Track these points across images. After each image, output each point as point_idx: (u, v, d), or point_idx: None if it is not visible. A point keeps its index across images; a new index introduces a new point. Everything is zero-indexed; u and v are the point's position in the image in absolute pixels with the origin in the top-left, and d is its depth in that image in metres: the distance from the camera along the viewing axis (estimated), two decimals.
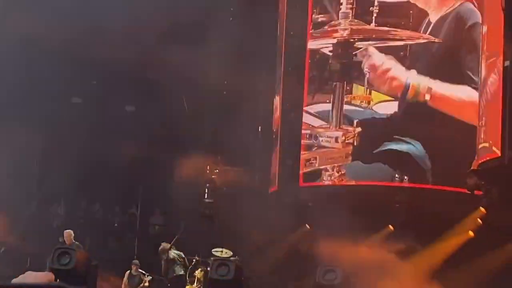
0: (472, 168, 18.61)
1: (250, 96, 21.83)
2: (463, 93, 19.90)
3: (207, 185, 23.17)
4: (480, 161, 18.01)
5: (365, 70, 20.56)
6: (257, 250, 21.87)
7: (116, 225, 24.61)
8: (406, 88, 20.13)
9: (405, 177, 19.94)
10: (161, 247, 19.52)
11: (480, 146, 17.94)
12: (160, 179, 21.99)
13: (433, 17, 20.41)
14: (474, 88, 19.49)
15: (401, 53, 20.38)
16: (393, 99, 20.45)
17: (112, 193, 23.47)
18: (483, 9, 19.27)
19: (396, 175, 19.98)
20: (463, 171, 18.87)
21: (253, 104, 22.50)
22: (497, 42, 17.62)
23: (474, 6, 19.98)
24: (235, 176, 22.83)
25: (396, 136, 20.18)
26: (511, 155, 15.73)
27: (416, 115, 20.20)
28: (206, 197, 23.24)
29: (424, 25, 20.36)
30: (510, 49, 16.09)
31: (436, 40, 20.21)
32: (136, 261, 19.82)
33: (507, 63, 16.45)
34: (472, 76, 19.61)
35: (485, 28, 18.74)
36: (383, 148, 20.17)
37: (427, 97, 19.98)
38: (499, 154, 16.38)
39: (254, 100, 22.34)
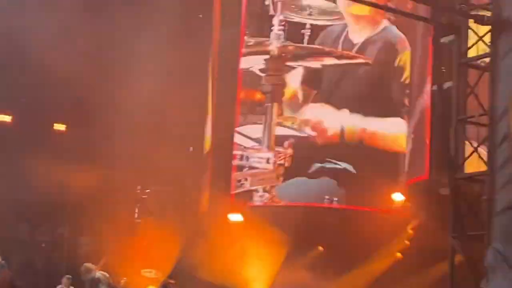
0: (400, 189, 18.87)
1: (181, 116, 21.77)
2: (394, 126, 20.06)
3: (138, 205, 22.98)
4: (408, 183, 18.26)
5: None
6: (188, 271, 21.74)
7: (43, 245, 24.18)
8: (342, 133, 20.23)
9: (335, 199, 20.07)
10: (83, 267, 19.11)
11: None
12: (90, 199, 21.71)
13: (357, 39, 20.61)
14: (404, 118, 19.72)
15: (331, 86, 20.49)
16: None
17: (40, 212, 23.10)
18: (408, 34, 19.60)
19: (326, 197, 20.10)
20: (392, 193, 19.10)
21: (185, 124, 22.44)
22: (425, 66, 17.93)
23: (399, 30, 20.28)
24: (166, 196, 22.70)
25: (327, 158, 20.33)
26: (437, 177, 15.95)
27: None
28: (136, 217, 23.04)
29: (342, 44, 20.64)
30: (438, 73, 16.35)
31: (368, 61, 20.42)
32: (69, 276, 19.37)
33: (435, 86, 16.71)
34: (403, 105, 19.84)
35: (414, 53, 19.07)
36: (313, 169, 20.30)
37: (363, 138, 20.12)
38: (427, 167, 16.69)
39: (185, 120, 22.28)
